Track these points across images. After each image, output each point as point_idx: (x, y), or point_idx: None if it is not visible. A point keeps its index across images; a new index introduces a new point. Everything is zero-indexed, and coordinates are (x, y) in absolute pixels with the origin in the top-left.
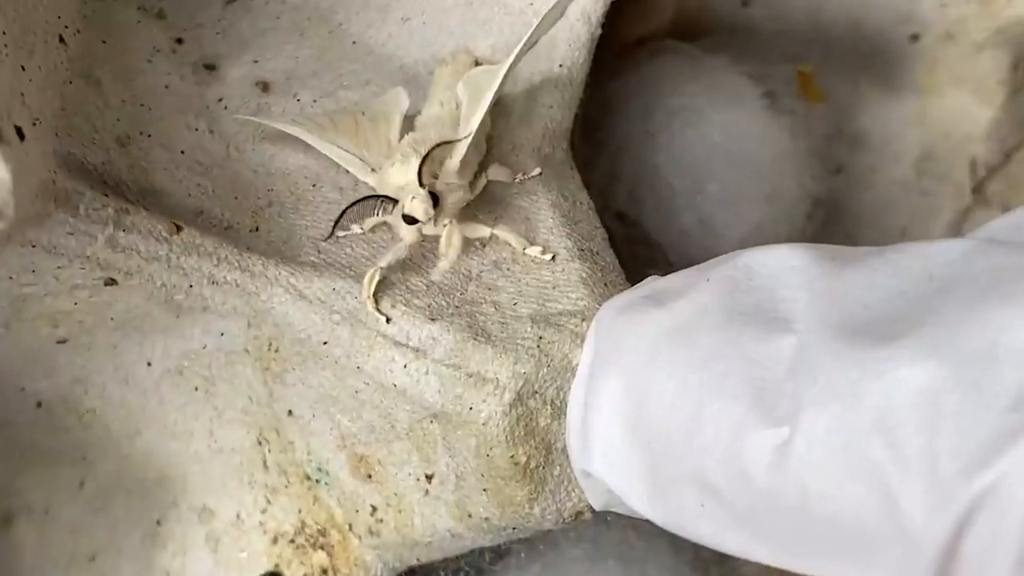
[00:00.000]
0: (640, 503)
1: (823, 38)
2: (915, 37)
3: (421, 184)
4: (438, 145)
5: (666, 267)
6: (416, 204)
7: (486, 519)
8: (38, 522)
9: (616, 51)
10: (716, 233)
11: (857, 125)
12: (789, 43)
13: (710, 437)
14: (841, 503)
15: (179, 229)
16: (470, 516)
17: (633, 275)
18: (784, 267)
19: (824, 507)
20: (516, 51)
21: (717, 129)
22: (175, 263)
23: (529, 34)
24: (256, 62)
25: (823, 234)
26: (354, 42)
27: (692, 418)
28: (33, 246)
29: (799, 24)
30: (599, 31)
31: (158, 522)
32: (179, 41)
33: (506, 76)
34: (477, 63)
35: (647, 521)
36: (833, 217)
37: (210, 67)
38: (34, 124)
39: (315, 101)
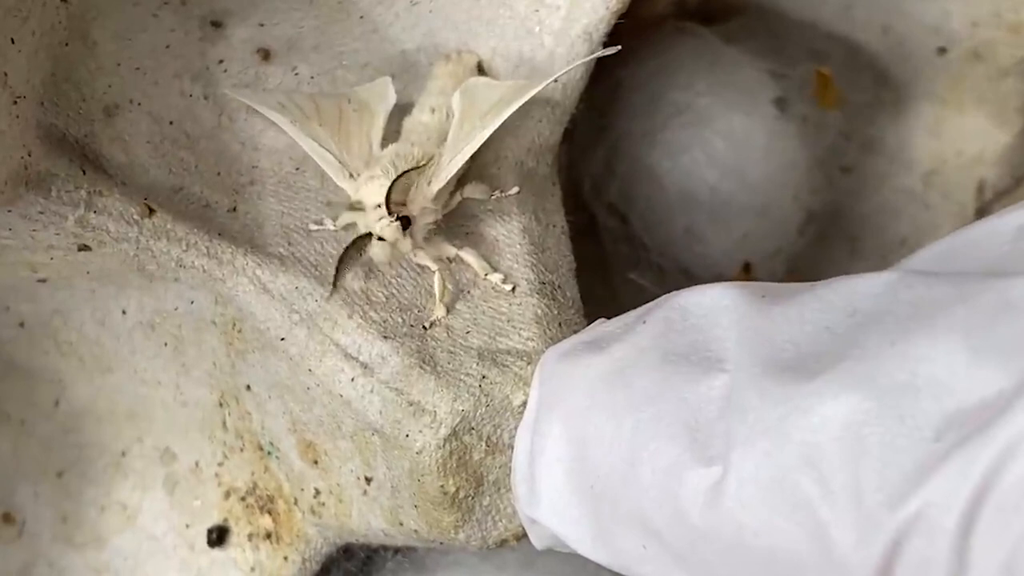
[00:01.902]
0: (584, 547)
1: (850, 37)
2: (942, 50)
3: (390, 212)
4: (409, 170)
5: (649, 269)
6: (386, 230)
7: (415, 531)
8: (14, 432)
9: (635, 29)
10: (702, 241)
11: (873, 128)
12: (815, 37)
13: (647, 478)
14: (775, 539)
15: (152, 212)
16: (401, 524)
17: (614, 274)
18: (716, 307)
19: (759, 543)
20: (522, 99)
21: (720, 134)
22: (144, 245)
23: (540, 86)
24: (262, 25)
25: (825, 235)
26: (361, 17)
27: (629, 460)
28: (9, 211)
29: (829, 18)
30: (599, 48)
31: (123, 453)
32: None
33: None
34: (480, 68)
35: None
36: (837, 218)
37: (217, 24)
38: (15, 103)
39: (312, 78)
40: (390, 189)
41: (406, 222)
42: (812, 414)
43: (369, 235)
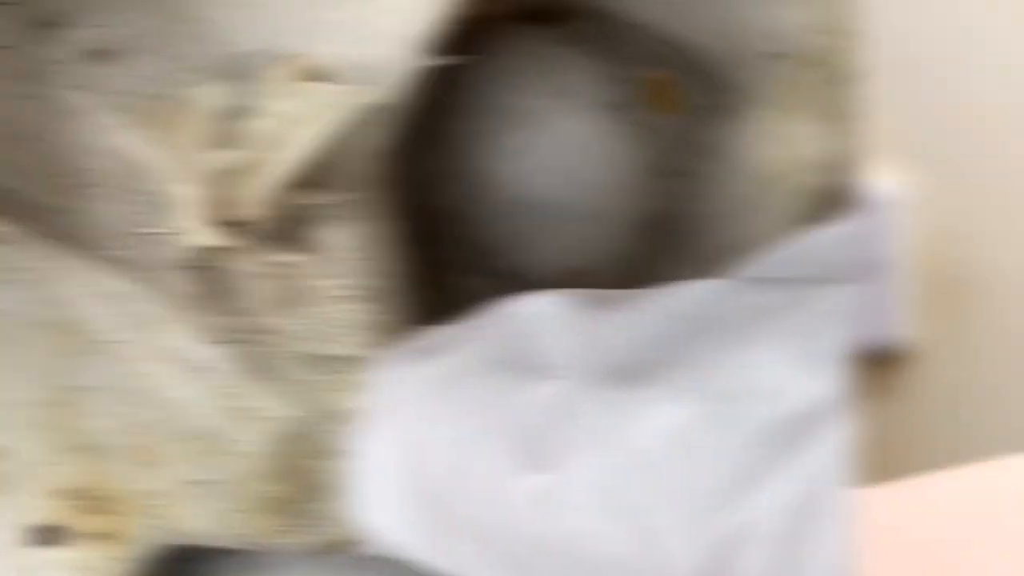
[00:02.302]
0: (419, 553)
1: (688, 42)
2: (777, 56)
3: (218, 219)
4: (232, 176)
5: (482, 274)
6: (214, 236)
7: (243, 534)
8: None
9: (471, 31)
10: (535, 246)
11: (709, 133)
12: (653, 41)
13: (477, 486)
14: (605, 545)
15: None
16: (229, 527)
17: (447, 280)
18: (546, 315)
19: (589, 550)
20: (355, 104)
21: (553, 138)
22: None
23: (374, 92)
24: (98, 26)
25: (658, 240)
26: (199, 19)
27: (459, 468)
28: None
29: (666, 23)
30: (434, 54)
31: None
32: None
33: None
34: (316, 72)
35: None
36: (671, 224)
37: (51, 24)
38: None
39: (148, 80)
40: (217, 196)
41: (236, 228)
42: (644, 421)
43: (203, 241)
